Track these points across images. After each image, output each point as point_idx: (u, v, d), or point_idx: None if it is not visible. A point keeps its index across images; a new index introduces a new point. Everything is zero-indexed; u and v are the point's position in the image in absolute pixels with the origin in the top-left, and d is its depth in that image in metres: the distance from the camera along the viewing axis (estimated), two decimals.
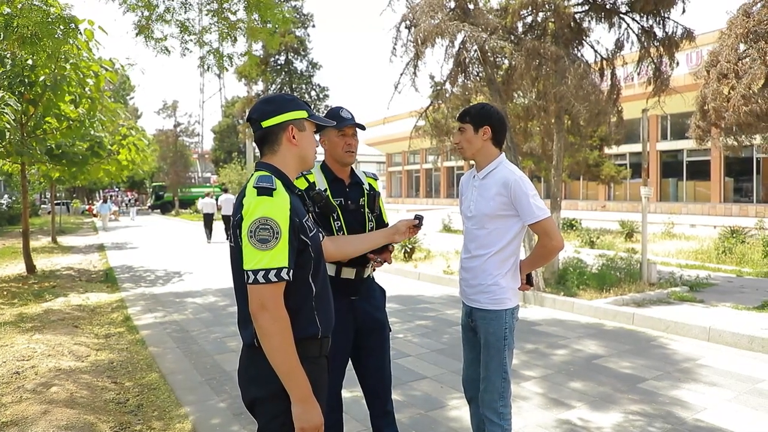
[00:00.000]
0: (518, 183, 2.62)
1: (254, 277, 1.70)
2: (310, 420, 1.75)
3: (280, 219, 1.74)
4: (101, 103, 9.98)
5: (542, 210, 2.61)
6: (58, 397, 4.07)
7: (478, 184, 2.78)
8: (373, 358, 2.85)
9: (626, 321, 6.61)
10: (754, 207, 23.63)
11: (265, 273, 1.70)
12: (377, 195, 2.89)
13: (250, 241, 1.72)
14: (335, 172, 2.79)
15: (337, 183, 2.77)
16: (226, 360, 5.37)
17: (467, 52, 8.30)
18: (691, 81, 15.00)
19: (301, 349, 1.82)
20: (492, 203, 2.68)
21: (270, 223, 1.72)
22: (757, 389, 4.41)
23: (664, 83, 8.78)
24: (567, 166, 17.33)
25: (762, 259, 10.37)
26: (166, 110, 52.49)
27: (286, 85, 29.76)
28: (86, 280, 10.50)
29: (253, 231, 1.72)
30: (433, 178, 44.71)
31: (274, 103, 1.95)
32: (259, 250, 1.71)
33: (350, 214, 2.74)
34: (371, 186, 2.89)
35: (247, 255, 1.73)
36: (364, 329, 2.81)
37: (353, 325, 2.77)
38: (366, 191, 2.83)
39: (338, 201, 2.72)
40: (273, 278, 1.70)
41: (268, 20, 10.22)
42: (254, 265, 1.71)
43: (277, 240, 1.72)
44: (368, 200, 2.82)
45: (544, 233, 2.66)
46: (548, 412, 4.02)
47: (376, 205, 2.86)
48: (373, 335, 2.84)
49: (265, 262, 1.70)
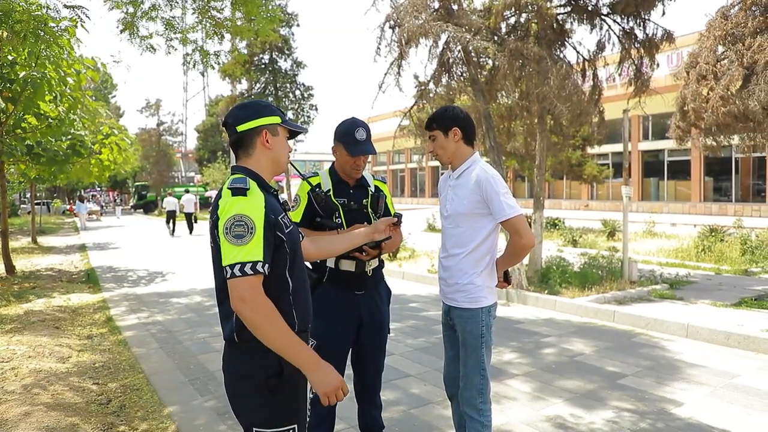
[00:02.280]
0: (489, 181, 2.66)
1: (231, 271, 1.76)
2: (329, 383, 1.84)
3: (255, 216, 1.81)
4: (82, 102, 9.87)
5: (513, 208, 2.65)
6: (40, 398, 4.03)
7: (453, 184, 2.83)
8: (369, 356, 2.98)
9: (608, 318, 6.70)
10: (733, 206, 24.05)
11: (241, 266, 1.75)
12: (382, 196, 3.00)
13: (226, 237, 1.78)
14: (341, 176, 2.93)
15: (341, 185, 2.92)
16: (210, 360, 5.35)
17: (451, 52, 8.36)
18: (671, 82, 15.27)
19: None
20: (466, 202, 2.72)
21: (244, 219, 1.79)
22: (733, 384, 4.51)
23: (644, 84, 8.91)
24: (550, 165, 17.50)
25: (739, 257, 10.56)
26: (149, 109, 51.97)
27: (270, 84, 29.58)
28: (67, 281, 10.38)
29: (228, 228, 1.79)
30: (417, 177, 44.81)
31: (249, 109, 2.01)
32: (235, 246, 1.77)
33: (352, 214, 2.87)
34: (378, 188, 3.02)
35: (225, 252, 1.79)
36: (366, 327, 2.91)
37: (357, 320, 2.89)
38: (371, 193, 2.96)
39: (341, 201, 2.86)
40: (249, 271, 1.76)
41: (254, 17, 10.14)
42: (231, 260, 1.77)
43: (251, 235, 1.78)
44: (372, 201, 2.95)
45: (515, 231, 2.69)
46: (532, 409, 4.07)
47: (380, 206, 2.97)
48: (373, 334, 2.96)
49: (241, 256, 1.76)
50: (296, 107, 29.56)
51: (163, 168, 48.01)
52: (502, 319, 6.84)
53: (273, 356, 1.87)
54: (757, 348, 5.37)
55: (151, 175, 47.59)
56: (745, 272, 9.59)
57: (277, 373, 1.87)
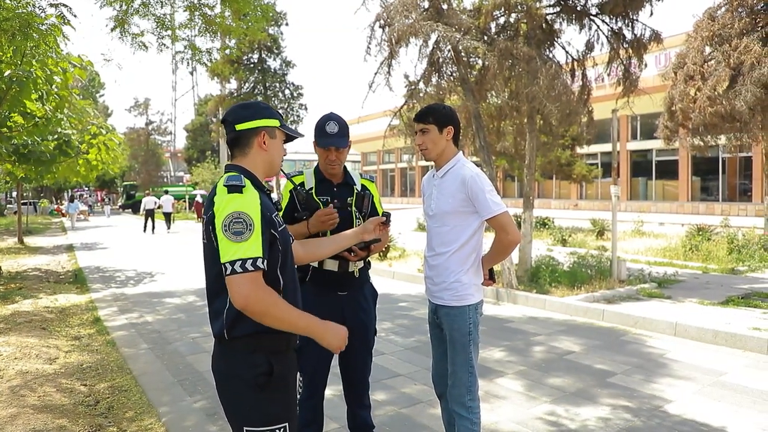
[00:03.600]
0: (474, 179, 2.67)
1: (231, 267, 1.75)
2: (335, 340, 1.97)
3: (252, 213, 1.82)
4: (69, 101, 9.76)
5: (498, 205, 2.66)
6: (27, 400, 3.99)
7: (438, 183, 2.83)
8: (355, 357, 2.93)
9: (597, 317, 6.74)
10: (720, 205, 24.29)
11: (242, 263, 1.75)
12: (368, 195, 2.95)
13: (225, 234, 1.78)
14: (324, 174, 2.90)
15: (324, 183, 2.89)
16: (199, 360, 5.32)
17: (441, 51, 8.37)
18: (659, 82, 15.37)
19: (268, 343, 1.90)
20: (451, 200, 2.72)
21: (243, 216, 1.79)
22: (720, 381, 4.55)
23: (633, 84, 8.97)
24: (539, 165, 17.57)
25: (726, 256, 10.67)
26: (138, 108, 51.68)
27: (259, 83, 29.42)
28: (55, 281, 10.28)
29: (227, 225, 1.79)
30: (408, 177, 44.85)
31: (250, 109, 2.03)
32: (235, 242, 1.77)
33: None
34: (364, 187, 2.98)
35: (223, 248, 1.79)
36: (349, 328, 2.86)
37: (340, 321, 2.82)
38: (356, 191, 2.91)
39: (324, 199, 2.83)
40: (250, 267, 1.76)
41: (244, 14, 10.08)
42: (231, 256, 1.76)
43: (250, 232, 1.79)
44: (356, 200, 2.90)
45: (500, 228, 2.70)
46: (522, 407, 4.09)
47: (366, 205, 2.93)
48: (357, 336, 2.89)
49: (241, 252, 1.76)
50: (286, 107, 29.45)
51: (151, 167, 47.78)
52: (493, 318, 6.86)
53: (262, 355, 1.88)
54: (744, 346, 5.43)
55: (139, 174, 47.32)
56: (731, 271, 9.69)
57: (267, 372, 1.87)
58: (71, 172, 14.75)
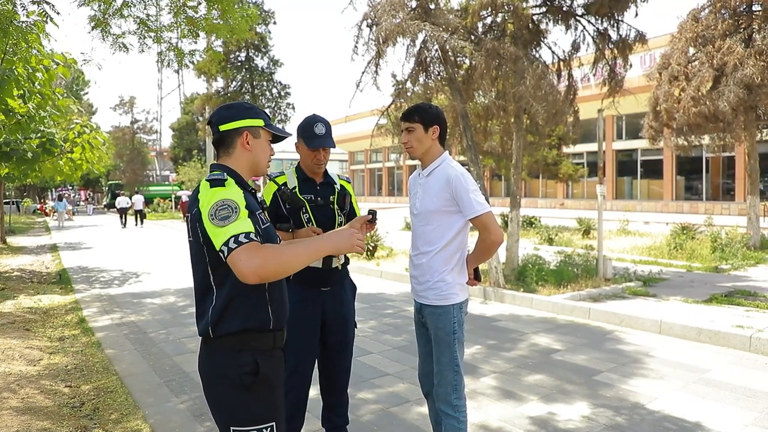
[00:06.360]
0: (459, 179, 2.68)
1: (227, 247, 1.72)
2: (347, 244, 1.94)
3: (237, 199, 1.82)
4: (52, 99, 9.63)
5: (482, 205, 2.67)
6: (9, 402, 3.93)
7: (423, 182, 2.85)
8: (336, 351, 2.99)
9: (583, 315, 6.80)
10: (704, 204, 24.59)
11: (235, 238, 1.73)
12: (348, 194, 3.07)
13: (213, 222, 1.77)
14: (307, 173, 2.98)
15: (307, 182, 2.96)
16: (185, 361, 5.28)
17: (428, 51, 8.37)
18: (644, 83, 15.53)
19: (254, 342, 1.90)
20: (435, 200, 2.74)
21: (227, 202, 1.80)
22: (704, 379, 4.61)
23: (618, 84, 9.05)
24: (526, 164, 17.68)
25: (710, 255, 10.79)
26: (123, 106, 51.17)
27: (246, 82, 29.29)
28: (38, 282, 10.15)
29: (213, 213, 1.78)
30: (395, 176, 44.88)
31: (233, 110, 2.04)
32: (224, 226, 1.76)
33: (319, 210, 2.93)
34: (343, 187, 3.08)
35: (214, 235, 1.77)
36: (328, 323, 2.92)
37: (321, 316, 2.89)
38: (337, 190, 3.01)
39: (308, 197, 2.91)
40: (244, 240, 1.73)
41: (230, 16, 10.01)
42: (223, 238, 1.74)
43: (236, 214, 1.78)
44: (338, 198, 3.00)
45: (484, 227, 2.72)
46: (509, 405, 4.11)
47: (346, 203, 3.03)
48: (337, 330, 2.98)
49: (232, 230, 1.74)
50: (273, 105, 29.38)
51: (137, 166, 47.33)
52: (479, 317, 6.88)
53: (248, 354, 1.87)
54: (728, 343, 5.50)
55: (125, 173, 46.85)
56: (715, 269, 9.81)
57: (253, 371, 1.86)
58: (55, 171, 14.54)
